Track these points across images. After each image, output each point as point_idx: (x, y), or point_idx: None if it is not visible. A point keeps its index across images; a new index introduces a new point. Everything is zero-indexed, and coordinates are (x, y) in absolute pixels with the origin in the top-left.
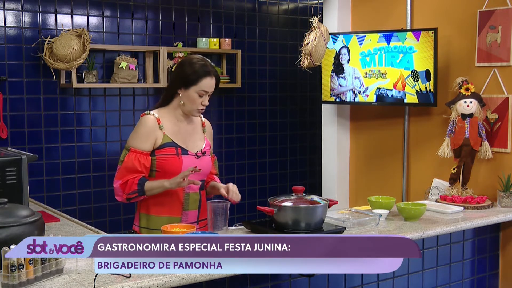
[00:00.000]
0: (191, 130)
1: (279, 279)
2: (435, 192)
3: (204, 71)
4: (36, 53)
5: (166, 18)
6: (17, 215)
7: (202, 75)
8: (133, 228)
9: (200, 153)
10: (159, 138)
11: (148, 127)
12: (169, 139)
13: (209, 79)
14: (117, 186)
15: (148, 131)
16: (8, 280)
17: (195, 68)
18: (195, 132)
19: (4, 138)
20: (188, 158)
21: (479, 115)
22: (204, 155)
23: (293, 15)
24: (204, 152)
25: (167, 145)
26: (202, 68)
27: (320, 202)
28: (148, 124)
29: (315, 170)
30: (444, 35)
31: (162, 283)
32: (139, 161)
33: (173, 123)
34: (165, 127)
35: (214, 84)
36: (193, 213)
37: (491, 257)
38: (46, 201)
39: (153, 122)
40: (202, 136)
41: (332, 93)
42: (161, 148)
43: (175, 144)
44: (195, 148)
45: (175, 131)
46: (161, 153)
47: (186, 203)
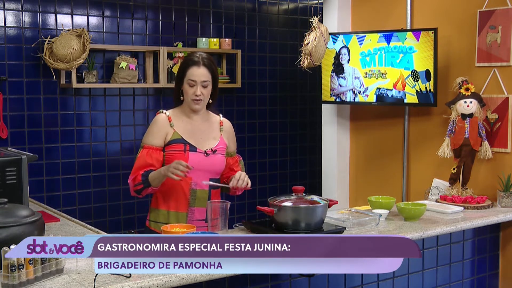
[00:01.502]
0: (205, 128)
1: (279, 279)
2: (435, 192)
3: (191, 60)
4: (36, 53)
5: (166, 18)
6: (17, 215)
7: (188, 65)
8: (146, 222)
9: (210, 151)
10: (169, 134)
11: (158, 124)
12: (178, 136)
13: (195, 68)
14: (129, 181)
15: (159, 127)
16: (8, 280)
17: (183, 61)
18: (210, 131)
19: (4, 138)
20: (196, 155)
21: (479, 115)
22: (215, 154)
23: (293, 15)
24: (215, 150)
25: (176, 141)
26: (190, 59)
27: (320, 202)
28: (159, 121)
29: (315, 170)
30: (444, 35)
31: (162, 283)
32: (150, 156)
33: (186, 122)
34: (176, 125)
35: (202, 74)
36: (200, 210)
37: (491, 257)
38: (46, 201)
39: (163, 119)
40: (217, 135)
41: (332, 93)
42: (170, 144)
43: (184, 141)
44: (206, 146)
45: (187, 129)
46: (170, 149)
47: (192, 199)
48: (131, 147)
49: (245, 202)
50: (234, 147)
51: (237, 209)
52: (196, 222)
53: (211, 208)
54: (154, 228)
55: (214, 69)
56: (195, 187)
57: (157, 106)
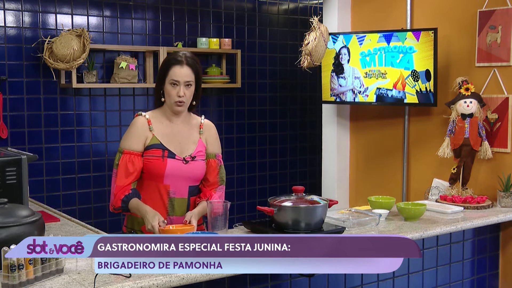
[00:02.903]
0: (185, 132)
1: (279, 279)
2: (435, 192)
3: (174, 59)
4: (36, 53)
5: (166, 18)
6: (17, 215)
7: (171, 64)
8: (122, 228)
9: (189, 158)
10: (148, 139)
11: (138, 128)
12: (157, 141)
13: (178, 68)
14: (111, 198)
15: (138, 131)
16: (8, 280)
17: (166, 60)
18: (189, 134)
19: (4, 138)
20: (174, 162)
21: (479, 115)
22: (194, 160)
23: (293, 15)
24: (194, 156)
25: (154, 147)
26: (173, 58)
27: (320, 202)
28: (138, 124)
29: (315, 170)
30: (444, 35)
31: (162, 283)
32: (132, 163)
33: (165, 125)
34: (155, 129)
35: (185, 74)
36: (180, 219)
37: (491, 257)
38: (46, 201)
39: (143, 122)
40: (196, 138)
41: (332, 93)
42: (148, 149)
43: (162, 146)
44: (185, 152)
45: (166, 133)
46: (147, 154)
47: (171, 207)
48: None
49: (245, 202)
50: (214, 148)
51: (237, 209)
52: None
53: (211, 208)
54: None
55: (198, 68)
56: (173, 196)
57: None
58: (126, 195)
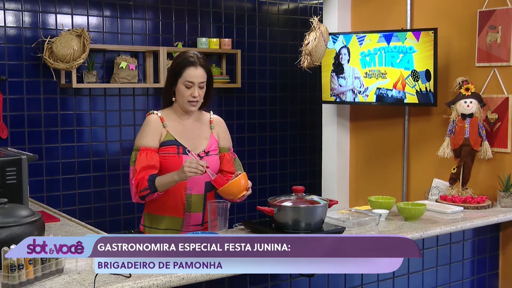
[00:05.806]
0: (196, 128)
1: (279, 279)
2: (435, 192)
3: (188, 61)
4: (36, 53)
5: (166, 18)
6: (17, 215)
7: (185, 65)
8: (139, 227)
9: (203, 153)
10: (163, 135)
11: (152, 125)
12: (171, 137)
13: (192, 69)
14: (133, 186)
15: (153, 128)
16: (8, 280)
17: (178, 60)
18: (201, 131)
19: (4, 138)
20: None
21: (479, 115)
22: (208, 155)
23: (293, 15)
24: (207, 152)
25: (169, 143)
26: (186, 59)
27: (320, 202)
28: (152, 122)
29: (315, 170)
30: (444, 35)
31: (162, 283)
32: (151, 158)
33: (177, 122)
34: (169, 126)
35: (200, 75)
36: (197, 215)
37: (491, 257)
38: (46, 201)
39: (156, 120)
40: (208, 134)
41: (332, 93)
42: (163, 146)
43: (177, 143)
44: (198, 149)
45: (179, 130)
46: (163, 151)
47: (188, 204)
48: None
49: (245, 202)
50: (225, 142)
51: (237, 209)
52: (192, 228)
53: (211, 208)
54: (149, 233)
55: (209, 69)
56: (190, 192)
57: (157, 106)
58: (151, 175)
